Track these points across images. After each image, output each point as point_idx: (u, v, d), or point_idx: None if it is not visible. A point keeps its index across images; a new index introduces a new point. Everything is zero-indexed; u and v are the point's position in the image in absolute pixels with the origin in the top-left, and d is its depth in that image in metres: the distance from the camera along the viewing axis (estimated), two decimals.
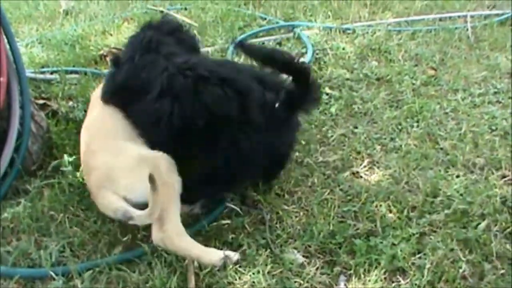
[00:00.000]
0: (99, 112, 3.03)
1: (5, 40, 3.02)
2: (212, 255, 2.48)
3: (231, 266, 2.43)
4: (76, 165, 2.98)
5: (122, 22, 5.30)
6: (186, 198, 2.60)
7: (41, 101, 3.58)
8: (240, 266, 2.45)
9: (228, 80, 2.60)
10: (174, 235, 2.48)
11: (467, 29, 4.88)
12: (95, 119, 3.00)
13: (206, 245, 2.54)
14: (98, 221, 2.73)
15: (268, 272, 2.43)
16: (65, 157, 3.02)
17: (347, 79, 4.11)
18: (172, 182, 2.57)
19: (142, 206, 2.51)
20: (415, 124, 3.55)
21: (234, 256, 2.48)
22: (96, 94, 3.22)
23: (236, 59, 4.33)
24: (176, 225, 2.52)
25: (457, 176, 3.06)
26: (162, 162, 2.62)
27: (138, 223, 2.52)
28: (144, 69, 2.79)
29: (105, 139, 2.80)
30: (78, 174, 2.98)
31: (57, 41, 4.81)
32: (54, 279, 2.41)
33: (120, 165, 2.62)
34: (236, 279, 2.41)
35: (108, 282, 2.43)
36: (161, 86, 2.66)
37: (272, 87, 2.68)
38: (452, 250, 2.56)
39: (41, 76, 4.08)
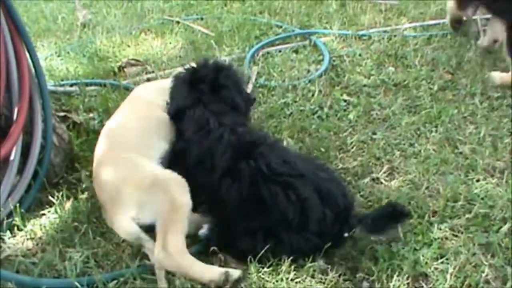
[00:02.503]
0: (120, 118, 3.10)
1: (27, 55, 3.06)
2: (213, 273, 2.46)
3: (254, 274, 2.44)
4: None
5: (139, 33, 5.34)
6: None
7: (62, 114, 3.61)
8: (263, 274, 2.46)
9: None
10: (176, 253, 2.50)
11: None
12: (114, 125, 3.06)
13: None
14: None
15: (292, 279, 2.43)
16: (83, 172, 3.08)
17: (365, 85, 4.11)
18: (182, 204, 2.59)
19: (149, 226, 2.60)
20: (434, 129, 3.55)
21: (236, 273, 2.46)
22: (131, 95, 3.34)
23: (253, 68, 4.37)
24: (180, 244, 2.53)
25: (477, 180, 3.06)
26: (174, 183, 2.65)
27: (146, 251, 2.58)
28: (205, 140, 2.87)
29: (119, 151, 2.83)
30: None
31: (75, 54, 4.86)
32: None
33: (132, 183, 2.65)
34: (259, 287, 2.42)
35: None
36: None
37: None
38: (474, 254, 2.56)
39: (61, 89, 4.11)
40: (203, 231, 2.71)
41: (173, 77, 3.31)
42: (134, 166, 2.72)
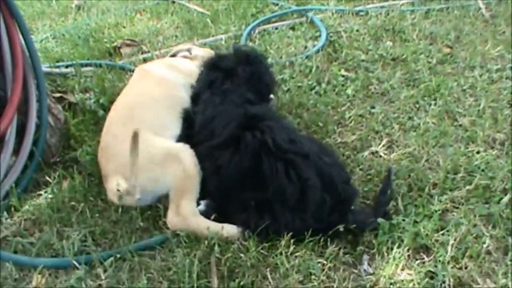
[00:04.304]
0: (133, 95, 3.09)
1: (20, 36, 3.03)
2: (229, 228, 2.53)
3: (253, 249, 2.43)
4: (94, 155, 2.98)
5: (134, 14, 5.30)
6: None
7: (57, 95, 3.58)
8: (262, 248, 2.45)
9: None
10: (190, 216, 2.58)
11: (479, 7, 4.83)
12: (128, 101, 3.04)
13: None
14: (118, 210, 2.72)
15: (291, 253, 2.41)
16: (83, 147, 3.05)
17: (363, 60, 4.07)
18: (194, 173, 2.67)
19: (163, 198, 2.67)
20: (433, 102, 3.52)
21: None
22: (142, 68, 3.35)
23: (249, 44, 4.34)
24: (193, 207, 2.62)
25: (478, 152, 3.04)
26: (185, 154, 2.70)
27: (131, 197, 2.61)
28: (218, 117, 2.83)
29: (132, 127, 2.80)
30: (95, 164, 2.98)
31: (70, 36, 4.81)
32: (77, 268, 2.41)
33: (145, 157, 2.62)
34: (259, 261, 2.40)
35: (131, 269, 2.43)
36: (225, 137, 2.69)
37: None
38: (475, 225, 2.55)
39: (57, 70, 4.07)
40: (201, 206, 2.69)
41: (202, 62, 3.29)
42: (147, 140, 2.68)
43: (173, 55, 3.65)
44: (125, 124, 2.80)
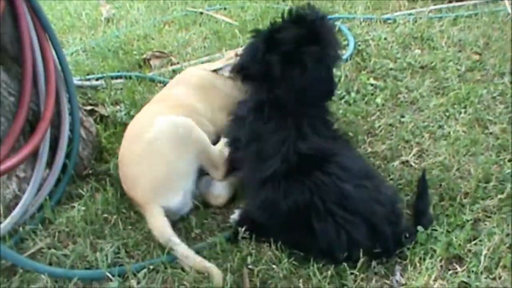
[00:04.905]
0: (160, 108, 3.05)
1: (53, 50, 3.08)
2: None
3: (286, 260, 2.44)
4: None
5: (163, 26, 5.35)
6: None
7: (89, 107, 3.63)
8: (295, 259, 2.46)
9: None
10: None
11: (508, 13, 4.79)
12: (152, 114, 2.99)
13: None
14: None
15: (323, 265, 2.42)
16: (114, 160, 3.11)
17: (391, 68, 4.06)
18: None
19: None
20: (463, 110, 3.49)
21: None
22: (177, 79, 3.36)
23: None
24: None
25: (509, 160, 3.01)
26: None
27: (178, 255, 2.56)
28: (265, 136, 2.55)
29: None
30: None
31: (100, 49, 4.87)
32: (110, 280, 2.44)
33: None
34: (291, 273, 2.41)
35: (164, 281, 2.45)
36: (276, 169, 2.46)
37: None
38: (508, 235, 2.51)
39: (88, 83, 4.12)
40: (234, 216, 2.72)
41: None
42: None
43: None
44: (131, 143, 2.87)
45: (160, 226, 2.62)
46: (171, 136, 2.75)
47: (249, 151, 2.60)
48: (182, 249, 2.52)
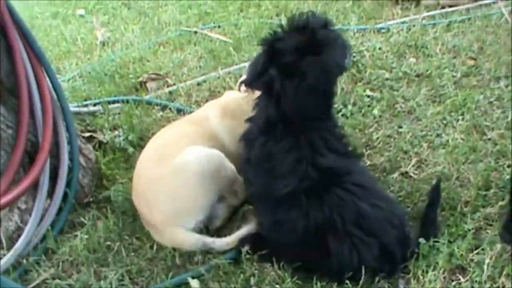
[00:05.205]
0: (190, 132, 3.02)
1: (47, 79, 3.10)
2: None
3: (289, 279, 2.44)
4: (126, 193, 3.04)
5: (158, 47, 5.36)
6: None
7: (87, 134, 3.65)
8: (298, 279, 2.46)
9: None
10: None
11: (503, 14, 4.80)
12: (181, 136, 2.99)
13: None
14: (153, 247, 2.77)
15: (327, 282, 2.43)
16: (115, 186, 3.12)
17: (387, 79, 4.06)
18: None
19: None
20: (460, 117, 3.50)
21: None
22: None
23: None
24: None
25: (509, 166, 3.01)
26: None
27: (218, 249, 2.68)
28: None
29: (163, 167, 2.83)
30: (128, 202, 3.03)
31: (97, 73, 4.87)
32: None
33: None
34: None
35: None
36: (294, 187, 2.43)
37: None
38: None
39: (85, 109, 4.13)
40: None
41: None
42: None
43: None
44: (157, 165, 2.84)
45: (189, 240, 2.71)
46: (200, 170, 2.74)
47: (260, 170, 2.58)
48: (219, 243, 2.70)
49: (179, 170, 2.74)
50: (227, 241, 2.70)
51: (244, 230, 2.75)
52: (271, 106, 2.48)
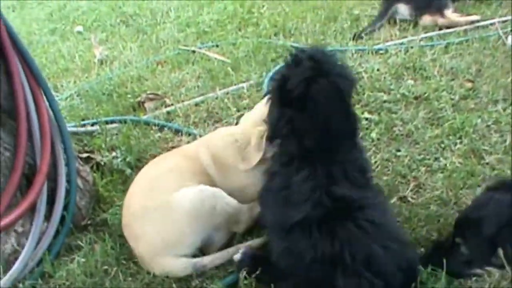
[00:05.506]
0: (172, 168, 2.98)
1: (45, 100, 3.10)
2: None
3: None
4: None
5: (156, 66, 5.35)
6: None
7: (85, 155, 3.64)
8: None
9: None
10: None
11: (500, 36, 4.82)
12: (162, 172, 2.96)
13: None
14: (150, 272, 2.75)
15: None
16: (112, 209, 3.13)
17: (385, 101, 4.07)
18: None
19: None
20: (458, 141, 3.51)
21: None
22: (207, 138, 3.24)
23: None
24: None
25: None
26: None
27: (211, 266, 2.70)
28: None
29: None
30: None
31: (94, 92, 4.86)
32: None
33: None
34: None
35: None
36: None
37: None
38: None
39: (83, 129, 4.13)
40: (238, 255, 2.70)
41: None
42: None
43: None
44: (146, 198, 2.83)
45: (177, 266, 2.72)
46: (194, 211, 2.73)
47: (278, 198, 2.54)
48: (209, 260, 2.76)
49: (171, 208, 2.73)
50: (216, 256, 2.73)
51: (234, 248, 2.79)
52: (293, 141, 2.48)
